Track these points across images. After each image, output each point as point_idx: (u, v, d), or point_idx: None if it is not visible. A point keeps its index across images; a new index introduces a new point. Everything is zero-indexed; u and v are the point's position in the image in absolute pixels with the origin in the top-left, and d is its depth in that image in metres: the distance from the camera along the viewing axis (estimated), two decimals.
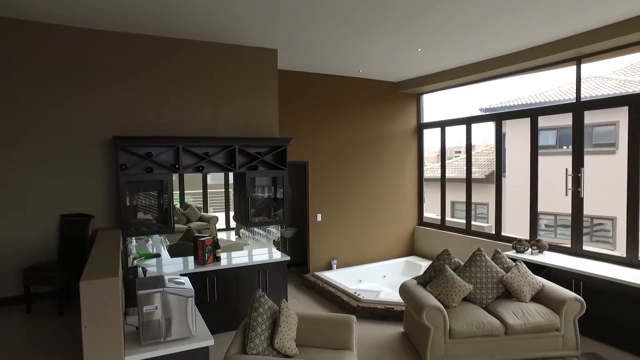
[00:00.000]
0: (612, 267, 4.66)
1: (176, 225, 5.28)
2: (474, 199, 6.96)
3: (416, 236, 7.85)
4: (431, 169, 12.55)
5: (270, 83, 5.37)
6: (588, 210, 5.37)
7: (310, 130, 6.68)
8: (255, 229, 5.41)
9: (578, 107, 5.22)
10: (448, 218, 7.58)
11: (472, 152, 7.01)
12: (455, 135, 8.56)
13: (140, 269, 3.31)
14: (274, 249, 5.39)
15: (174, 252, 5.16)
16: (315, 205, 6.81)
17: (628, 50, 4.83)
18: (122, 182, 4.26)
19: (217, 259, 4.74)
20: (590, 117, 5.27)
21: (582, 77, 5.24)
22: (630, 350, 4.15)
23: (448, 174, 7.54)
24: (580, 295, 4.16)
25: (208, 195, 6.14)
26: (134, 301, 2.76)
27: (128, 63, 4.61)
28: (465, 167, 6.97)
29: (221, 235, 5.90)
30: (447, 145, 7.43)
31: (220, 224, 6.10)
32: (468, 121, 6.86)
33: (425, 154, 8.11)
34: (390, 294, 5.65)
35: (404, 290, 4.51)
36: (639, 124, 4.68)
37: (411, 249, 7.86)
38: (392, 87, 7.47)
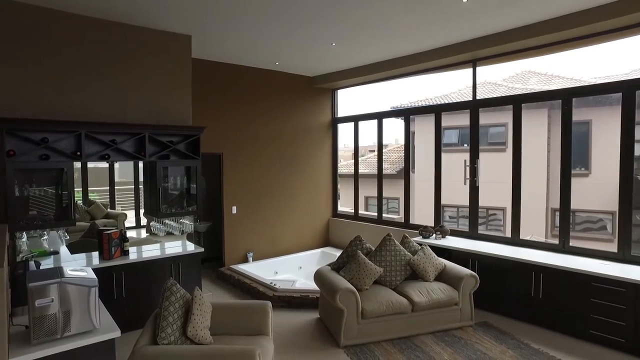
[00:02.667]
0: (500, 246, 5.26)
1: (78, 223, 4.85)
2: (386, 194, 7.36)
3: (331, 227, 8.09)
4: (346, 166, 13.00)
5: (183, 70, 5.15)
6: (484, 202, 5.97)
7: (225, 122, 6.55)
8: (167, 221, 5.18)
9: (474, 105, 5.81)
10: (362, 212, 7.94)
11: (385, 149, 7.41)
12: (369, 134, 8.95)
13: (32, 262, 3.00)
14: (188, 242, 5.21)
15: (75, 249, 4.74)
16: (230, 197, 6.69)
17: (514, 57, 5.45)
18: (9, 170, 3.78)
19: (125, 253, 4.46)
20: (485, 118, 5.88)
21: (478, 82, 5.83)
22: (512, 316, 4.75)
23: (363, 170, 7.88)
24: (475, 272, 4.64)
25: (116, 192, 5.71)
26: (24, 299, 2.48)
27: (17, 35, 4.09)
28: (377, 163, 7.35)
29: (131, 234, 5.53)
30: (363, 144, 7.76)
31: (130, 223, 5.72)
32: (379, 116, 7.24)
33: (341, 153, 8.39)
34: (306, 284, 5.76)
35: (318, 276, 4.64)
36: (520, 121, 5.36)
37: (326, 240, 8.08)
38: (308, 81, 7.61)
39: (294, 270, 6.94)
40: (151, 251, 4.75)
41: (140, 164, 5.30)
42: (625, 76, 7.22)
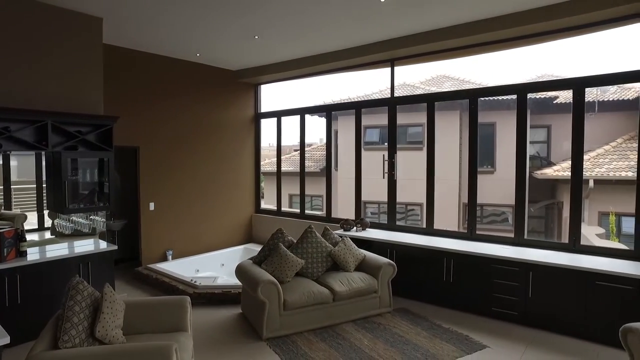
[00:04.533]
0: (416, 236, 5.60)
1: None
2: (311, 192, 7.44)
3: (254, 223, 8.02)
4: (270, 164, 12.95)
5: (93, 55, 4.76)
6: (403, 198, 6.29)
7: (142, 114, 6.19)
8: (76, 218, 4.77)
9: (392, 102, 6.11)
10: (287, 209, 7.97)
11: (309, 148, 7.51)
12: (294, 133, 8.99)
13: None
14: (101, 240, 4.84)
15: None
16: (147, 193, 6.34)
17: (429, 58, 5.82)
18: None
19: (22, 254, 4.02)
20: (404, 118, 6.20)
21: (397, 84, 6.14)
22: (427, 301, 5.05)
23: (287, 168, 7.90)
24: (393, 261, 4.88)
25: (12, 192, 5.12)
26: None
27: None
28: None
29: (32, 237, 4.97)
30: (288, 143, 7.76)
31: (32, 225, 5.15)
32: (302, 112, 7.34)
33: (266, 152, 8.33)
34: (228, 281, 5.63)
35: (240, 270, 4.58)
36: (434, 119, 5.74)
37: (249, 237, 7.99)
38: (231, 75, 7.45)
39: (216, 267, 6.77)
40: (55, 251, 4.34)
41: (44, 160, 4.80)
42: None
